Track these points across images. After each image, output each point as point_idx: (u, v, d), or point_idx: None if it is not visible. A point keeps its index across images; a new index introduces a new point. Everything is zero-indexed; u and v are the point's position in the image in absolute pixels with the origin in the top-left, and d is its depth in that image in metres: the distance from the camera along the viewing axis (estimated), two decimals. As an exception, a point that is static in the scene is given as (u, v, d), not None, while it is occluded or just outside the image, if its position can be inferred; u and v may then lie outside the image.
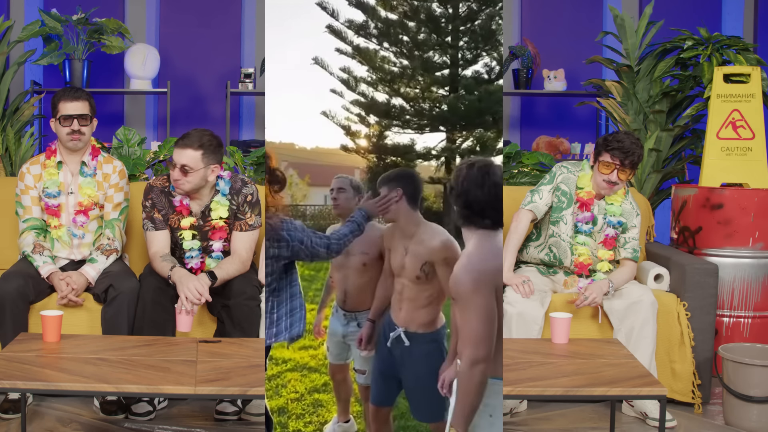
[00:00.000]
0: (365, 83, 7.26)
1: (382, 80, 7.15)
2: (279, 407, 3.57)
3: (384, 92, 7.25)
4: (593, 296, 3.49)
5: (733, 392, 3.41)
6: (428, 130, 7.27)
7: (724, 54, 4.74)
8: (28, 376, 2.55)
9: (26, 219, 3.63)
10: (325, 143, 7.51)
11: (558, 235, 3.69)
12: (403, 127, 7.28)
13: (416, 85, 7.22)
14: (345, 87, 7.39)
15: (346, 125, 7.36)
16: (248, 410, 3.40)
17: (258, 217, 3.56)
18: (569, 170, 3.72)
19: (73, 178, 3.65)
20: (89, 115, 3.61)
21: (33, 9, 5.77)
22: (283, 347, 4.53)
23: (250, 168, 4.81)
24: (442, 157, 7.38)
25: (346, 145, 7.35)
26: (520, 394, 2.65)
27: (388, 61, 7.19)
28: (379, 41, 7.07)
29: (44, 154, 3.68)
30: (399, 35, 7.12)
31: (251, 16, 6.12)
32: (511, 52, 5.85)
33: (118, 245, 3.63)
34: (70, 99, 3.56)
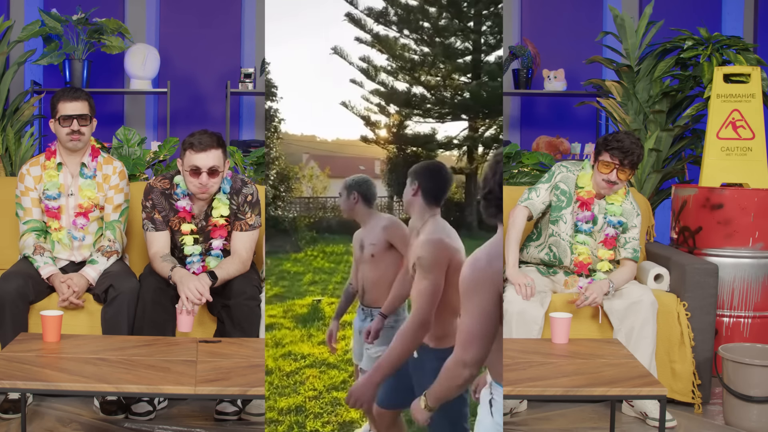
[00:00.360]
0: (385, 72, 7.17)
1: (403, 68, 7.06)
2: (297, 405, 3.50)
3: (404, 81, 7.16)
4: (593, 296, 3.49)
5: (733, 392, 3.41)
6: (450, 118, 7.18)
7: (724, 54, 4.74)
8: (28, 376, 2.55)
9: (27, 221, 3.62)
10: (345, 134, 7.45)
11: (558, 235, 3.69)
12: (424, 116, 7.19)
13: (437, 73, 7.13)
14: (365, 76, 7.31)
15: (365, 115, 7.28)
16: (248, 410, 3.40)
17: (258, 217, 3.56)
18: (569, 169, 3.72)
19: (73, 179, 3.64)
20: (89, 115, 3.60)
21: (33, 9, 5.77)
22: (303, 342, 4.46)
23: (250, 168, 4.81)
24: (464, 147, 7.29)
25: (366, 135, 7.28)
26: (520, 394, 2.65)
27: (408, 49, 7.09)
28: (399, 28, 6.97)
29: (44, 155, 3.67)
30: (419, 21, 7.01)
31: (251, 16, 6.12)
32: (511, 52, 5.85)
33: (118, 247, 3.63)
34: (70, 99, 3.55)
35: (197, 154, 3.34)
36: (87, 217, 3.61)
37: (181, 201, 3.48)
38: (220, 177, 3.42)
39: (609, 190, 3.61)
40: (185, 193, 3.48)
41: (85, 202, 3.61)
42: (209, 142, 3.36)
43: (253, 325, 3.37)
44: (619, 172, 3.54)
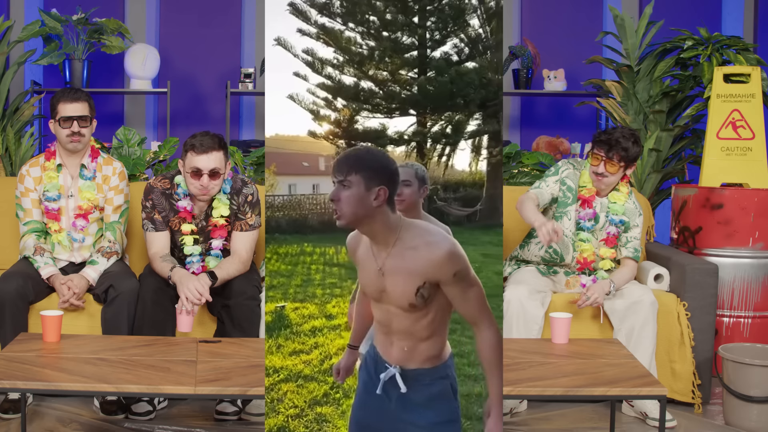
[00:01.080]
0: (331, 66, 7.13)
1: (350, 62, 7.03)
2: (279, 427, 3.11)
3: (352, 75, 7.12)
4: (595, 296, 3.49)
5: (733, 392, 3.41)
6: (399, 113, 7.15)
7: (724, 54, 4.74)
8: (28, 376, 2.55)
9: (27, 222, 3.61)
10: (291, 130, 7.34)
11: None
12: (373, 111, 7.16)
13: (385, 68, 7.11)
14: (310, 69, 7.23)
15: (313, 110, 7.23)
16: (248, 410, 3.40)
17: (258, 217, 3.56)
18: (574, 167, 3.73)
19: (73, 180, 3.63)
20: (89, 117, 3.58)
21: (33, 9, 5.77)
22: (273, 354, 3.99)
23: (250, 168, 4.82)
24: (413, 142, 7.29)
25: (314, 130, 7.23)
26: (520, 394, 2.65)
27: (354, 43, 7.07)
28: (344, 21, 6.94)
29: (43, 155, 3.67)
30: (365, 15, 6.98)
31: (251, 16, 6.11)
32: (511, 52, 5.84)
33: (118, 248, 3.62)
34: (70, 100, 3.53)
35: (198, 156, 3.34)
36: (86, 219, 3.61)
37: (182, 201, 3.48)
38: (221, 179, 3.41)
39: (600, 183, 3.62)
40: (186, 193, 3.47)
41: (84, 204, 3.60)
42: (211, 144, 3.35)
43: (253, 325, 3.37)
44: (607, 165, 3.54)
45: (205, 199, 3.46)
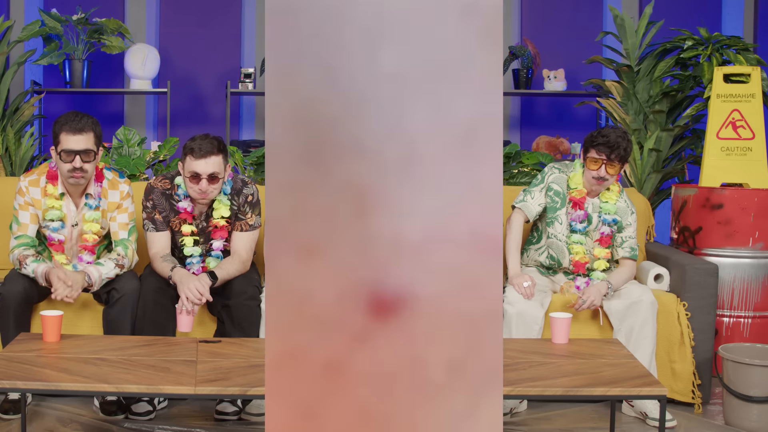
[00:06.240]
0: None
1: None
2: None
3: None
4: (591, 299, 3.49)
5: (733, 392, 3.41)
6: None
7: (724, 54, 4.74)
8: (28, 376, 2.55)
9: (18, 236, 3.38)
10: None
11: (554, 236, 3.69)
12: None
13: None
14: None
15: None
16: (248, 410, 3.40)
17: (258, 218, 3.56)
18: (560, 170, 3.73)
19: (78, 210, 3.45)
20: (93, 151, 3.29)
21: (33, 9, 5.77)
22: None
23: (250, 168, 4.82)
24: None
25: None
26: (520, 394, 2.65)
27: None
28: None
29: (45, 175, 3.40)
30: None
31: (251, 16, 6.11)
32: (511, 52, 5.85)
33: (126, 262, 3.46)
34: (73, 132, 3.24)
35: (197, 161, 3.32)
36: (93, 251, 3.46)
37: (182, 202, 3.48)
38: (221, 183, 3.40)
39: (600, 187, 3.62)
40: (186, 194, 3.47)
41: (89, 237, 3.44)
42: (209, 148, 3.32)
43: (253, 325, 3.37)
44: (608, 167, 3.55)
45: (205, 203, 3.46)
